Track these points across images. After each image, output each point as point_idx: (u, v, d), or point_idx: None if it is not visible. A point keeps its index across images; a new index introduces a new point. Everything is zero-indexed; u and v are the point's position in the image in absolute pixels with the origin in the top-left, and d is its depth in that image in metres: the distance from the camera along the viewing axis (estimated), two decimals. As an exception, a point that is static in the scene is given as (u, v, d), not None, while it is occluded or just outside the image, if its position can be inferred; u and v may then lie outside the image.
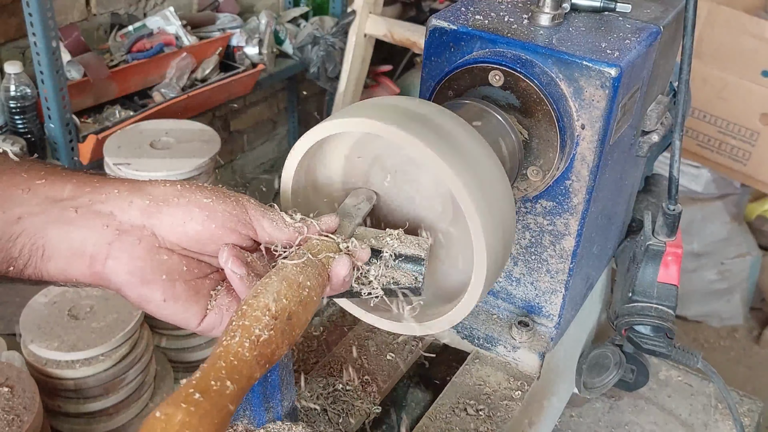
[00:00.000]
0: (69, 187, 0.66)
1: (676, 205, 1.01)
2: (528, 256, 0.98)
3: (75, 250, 0.65)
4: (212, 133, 2.24)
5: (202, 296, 0.67)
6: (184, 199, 0.65)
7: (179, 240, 0.66)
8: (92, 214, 0.65)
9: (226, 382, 0.53)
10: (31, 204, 0.64)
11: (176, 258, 0.66)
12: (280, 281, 0.62)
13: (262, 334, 0.57)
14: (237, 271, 0.64)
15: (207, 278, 0.69)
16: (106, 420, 1.86)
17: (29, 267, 0.65)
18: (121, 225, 0.65)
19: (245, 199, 0.68)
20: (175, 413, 0.49)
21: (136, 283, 0.65)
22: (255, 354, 0.56)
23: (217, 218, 0.65)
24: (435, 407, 0.95)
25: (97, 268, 0.65)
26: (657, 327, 1.03)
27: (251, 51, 2.76)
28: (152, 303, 0.65)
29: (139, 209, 0.65)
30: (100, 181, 0.67)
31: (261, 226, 0.67)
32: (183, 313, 0.66)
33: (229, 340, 0.57)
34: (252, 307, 0.59)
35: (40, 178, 0.66)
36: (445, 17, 0.90)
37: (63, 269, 0.65)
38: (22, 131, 2.12)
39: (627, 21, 0.92)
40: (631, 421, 1.21)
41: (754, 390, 2.80)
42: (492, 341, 1.01)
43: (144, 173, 2.01)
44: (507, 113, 0.86)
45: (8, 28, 2.24)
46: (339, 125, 0.71)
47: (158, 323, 2.14)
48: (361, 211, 0.76)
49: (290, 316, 0.60)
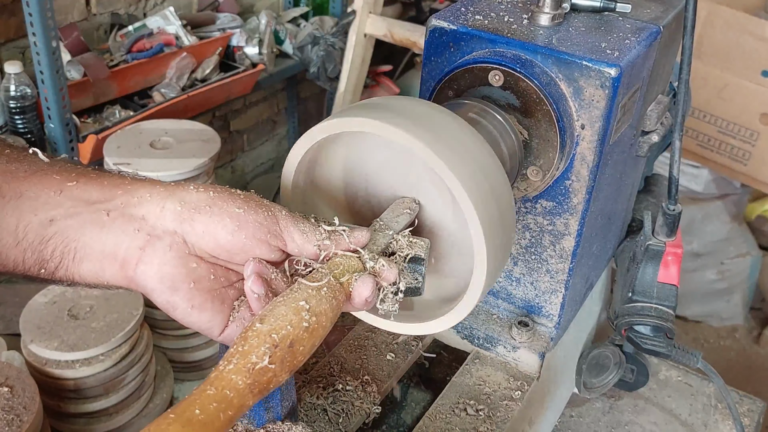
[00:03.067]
0: (101, 189, 0.65)
1: (676, 205, 1.01)
2: (528, 256, 0.98)
3: (107, 253, 0.64)
4: (212, 133, 2.24)
5: (227, 305, 0.67)
6: (217, 207, 0.65)
7: (209, 248, 0.65)
8: (125, 218, 0.64)
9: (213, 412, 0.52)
10: (64, 206, 0.64)
11: (205, 266, 0.66)
12: (288, 305, 0.60)
13: (259, 362, 0.56)
14: (255, 290, 0.64)
15: (233, 287, 0.68)
16: (106, 420, 1.86)
17: (61, 269, 0.65)
18: (153, 230, 0.64)
19: (277, 209, 0.67)
20: None
21: (165, 290, 0.64)
22: (249, 382, 0.55)
23: (248, 229, 0.65)
24: (435, 407, 0.95)
25: (129, 273, 0.64)
26: (657, 327, 1.03)
27: (251, 51, 2.76)
28: (179, 310, 0.65)
29: (172, 214, 0.64)
30: (131, 183, 0.66)
31: (291, 237, 0.66)
32: (208, 322, 0.66)
33: (225, 365, 0.55)
34: (255, 333, 0.58)
35: (72, 180, 0.65)
36: (445, 17, 0.90)
37: (95, 272, 0.65)
38: (22, 131, 2.12)
39: (627, 21, 0.92)
40: (631, 421, 1.21)
41: (754, 390, 2.78)
42: (492, 341, 1.01)
43: (144, 173, 2.00)
44: (507, 113, 0.86)
45: (8, 28, 2.24)
46: (339, 125, 0.71)
47: (158, 323, 2.14)
48: (399, 225, 0.73)
49: (292, 344, 0.58)
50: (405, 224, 0.74)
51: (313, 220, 0.69)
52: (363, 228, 0.70)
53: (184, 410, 0.51)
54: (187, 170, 2.06)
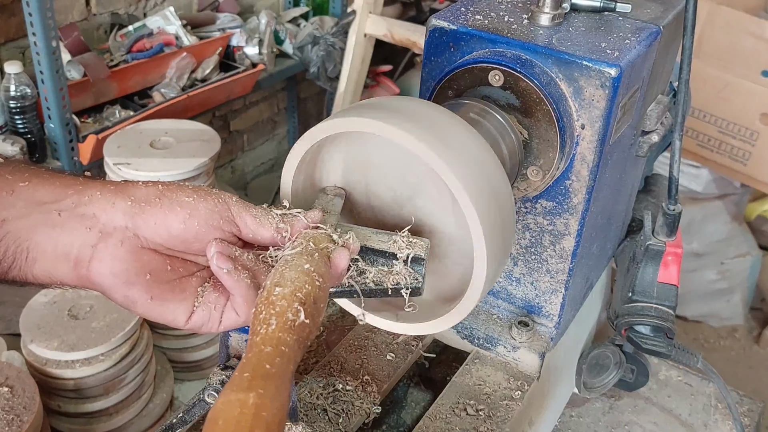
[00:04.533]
0: (53, 189, 0.66)
1: (676, 205, 1.01)
2: (528, 256, 0.98)
3: (59, 252, 0.65)
4: (212, 133, 2.24)
5: (189, 294, 0.68)
6: (166, 199, 0.66)
7: (163, 240, 0.66)
8: (76, 217, 0.65)
9: (280, 365, 0.54)
10: (16, 207, 0.64)
11: (160, 258, 0.67)
12: (296, 269, 0.62)
13: (297, 318, 0.59)
14: (223, 266, 0.65)
15: (193, 276, 0.69)
16: (106, 420, 1.86)
17: (14, 269, 0.65)
18: (104, 227, 0.65)
19: (227, 196, 0.68)
20: (247, 397, 0.51)
21: (121, 285, 0.65)
22: (295, 338, 0.58)
23: (200, 216, 0.66)
24: (435, 407, 0.95)
25: (82, 271, 0.65)
26: (657, 327, 1.03)
27: (251, 51, 2.76)
28: (138, 303, 0.66)
29: (122, 211, 0.65)
30: (83, 184, 0.67)
31: (244, 222, 0.68)
32: (171, 312, 0.67)
33: (266, 328, 0.58)
34: (279, 297, 0.60)
35: (24, 180, 0.66)
36: (445, 17, 0.90)
37: (48, 272, 0.66)
38: (22, 131, 2.12)
39: (627, 21, 0.92)
40: (631, 421, 1.21)
41: (754, 390, 2.80)
42: (492, 341, 1.01)
43: (144, 173, 2.01)
44: (507, 113, 0.86)
45: (8, 28, 2.24)
46: (338, 125, 0.71)
47: (158, 323, 2.13)
48: (336, 207, 0.76)
49: (315, 300, 0.61)
50: (340, 206, 0.77)
51: (264, 206, 0.70)
52: (314, 209, 0.72)
53: (255, 368, 0.54)
54: (187, 170, 2.06)
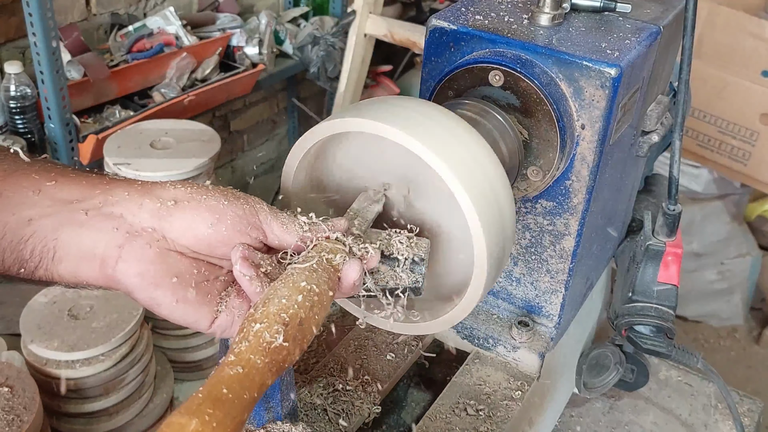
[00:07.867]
0: (79, 188, 0.66)
1: (676, 205, 1.01)
2: (528, 256, 0.98)
3: (85, 252, 0.64)
4: (212, 133, 2.24)
5: (213, 298, 0.67)
6: (195, 201, 0.65)
7: (189, 243, 0.65)
8: (102, 217, 0.65)
9: (239, 390, 0.53)
10: (42, 206, 0.64)
11: (186, 261, 0.66)
12: (290, 287, 0.61)
13: (274, 340, 0.57)
14: (246, 272, 0.64)
15: (217, 280, 0.68)
16: (106, 420, 1.86)
17: (40, 269, 0.65)
18: (132, 228, 0.64)
19: (255, 201, 0.68)
20: (188, 423, 0.49)
21: (147, 286, 0.64)
22: (267, 361, 0.56)
23: (227, 221, 0.65)
24: (435, 407, 0.95)
25: (108, 271, 0.64)
26: (657, 327, 1.03)
27: (251, 51, 2.76)
28: (163, 306, 0.65)
29: (150, 212, 0.64)
30: (110, 183, 0.67)
31: (270, 228, 0.67)
32: (194, 315, 0.66)
33: (240, 347, 0.56)
34: (263, 314, 0.59)
35: (51, 180, 0.65)
36: (445, 17, 0.90)
37: (73, 271, 0.65)
38: (22, 131, 2.12)
39: (627, 21, 0.92)
40: (631, 421, 1.21)
41: (754, 390, 2.80)
42: (492, 341, 1.01)
43: (144, 173, 2.01)
44: (507, 113, 0.86)
45: (8, 28, 2.24)
46: (339, 125, 0.71)
47: (158, 323, 2.14)
48: (371, 213, 0.75)
49: (301, 322, 0.60)
50: (376, 212, 0.76)
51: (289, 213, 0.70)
52: (340, 217, 0.71)
53: (210, 390, 0.52)
54: (187, 170, 2.06)
